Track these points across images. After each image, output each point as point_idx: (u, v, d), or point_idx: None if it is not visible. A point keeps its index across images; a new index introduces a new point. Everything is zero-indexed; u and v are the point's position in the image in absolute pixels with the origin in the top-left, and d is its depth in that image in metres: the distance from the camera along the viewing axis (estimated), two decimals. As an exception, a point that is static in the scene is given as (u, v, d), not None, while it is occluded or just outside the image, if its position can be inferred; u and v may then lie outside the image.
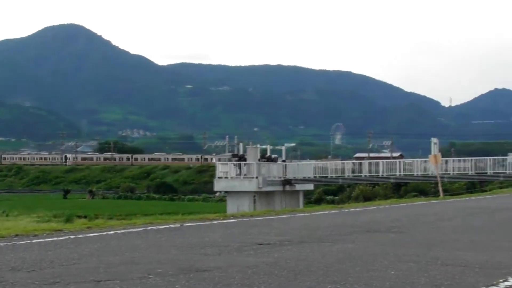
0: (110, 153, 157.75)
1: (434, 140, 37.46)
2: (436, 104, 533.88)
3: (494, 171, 51.91)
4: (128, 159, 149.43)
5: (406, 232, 11.70)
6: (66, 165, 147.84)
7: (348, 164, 58.03)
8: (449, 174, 51.79)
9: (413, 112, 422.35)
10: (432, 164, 40.36)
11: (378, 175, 54.51)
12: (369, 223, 13.76)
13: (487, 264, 7.80)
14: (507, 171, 50.55)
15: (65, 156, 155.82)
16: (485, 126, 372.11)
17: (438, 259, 8.16)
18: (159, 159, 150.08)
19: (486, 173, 52.79)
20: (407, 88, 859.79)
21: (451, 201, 25.25)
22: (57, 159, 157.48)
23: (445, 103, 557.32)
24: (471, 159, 54.29)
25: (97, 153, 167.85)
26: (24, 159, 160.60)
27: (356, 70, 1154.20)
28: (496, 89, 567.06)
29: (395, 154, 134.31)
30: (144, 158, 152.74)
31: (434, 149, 37.36)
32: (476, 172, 53.09)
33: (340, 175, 55.72)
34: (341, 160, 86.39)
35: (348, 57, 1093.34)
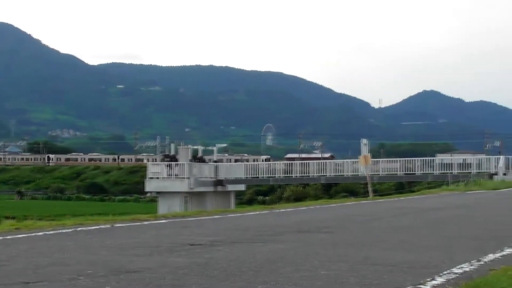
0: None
1: (364, 141, 37.80)
2: (366, 105, 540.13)
3: (423, 172, 52.85)
4: (43, 159, 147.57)
5: (336, 233, 11.82)
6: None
7: (279, 165, 58.33)
8: (379, 174, 52.53)
9: (344, 113, 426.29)
10: (362, 165, 40.76)
11: (309, 176, 54.95)
12: (300, 223, 13.84)
13: (415, 263, 7.92)
14: (435, 172, 51.51)
15: None
16: (414, 127, 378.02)
17: (367, 259, 8.26)
18: (76, 160, 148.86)
19: (414, 173, 53.71)
20: (338, 89, 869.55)
21: (381, 201, 25.56)
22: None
23: (375, 104, 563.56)
24: (400, 160, 55.18)
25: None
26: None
27: (287, 71, 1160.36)
28: (424, 91, 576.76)
29: (325, 155, 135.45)
30: (59, 158, 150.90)
31: (364, 150, 37.72)
32: (405, 173, 53.98)
33: (271, 175, 55.98)
34: (272, 161, 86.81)
35: (279, 58, 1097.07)
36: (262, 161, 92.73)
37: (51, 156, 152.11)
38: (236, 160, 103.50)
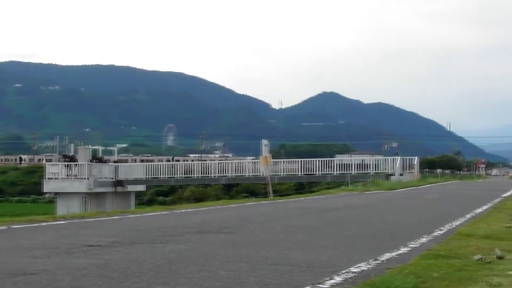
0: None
1: (264, 141, 38.14)
2: (266, 106, 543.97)
3: (322, 173, 53.54)
4: None
5: (237, 233, 11.85)
6: None
7: (180, 165, 58.11)
8: (279, 175, 52.94)
9: (245, 114, 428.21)
10: (263, 165, 41.08)
11: (209, 176, 54.95)
12: (201, 224, 13.82)
13: (314, 263, 8.02)
14: (335, 173, 52.27)
15: None
16: (313, 128, 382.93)
17: (267, 259, 8.32)
18: None
19: (314, 174, 54.34)
20: (239, 90, 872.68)
21: (281, 201, 25.79)
22: None
23: (275, 105, 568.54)
24: (300, 161, 55.74)
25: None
26: None
27: (188, 72, 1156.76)
28: (324, 93, 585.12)
29: (227, 155, 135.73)
30: None
31: (265, 150, 38.04)
32: (305, 173, 54.57)
33: (172, 176, 55.74)
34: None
35: (180, 58, 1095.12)
36: (171, 161, 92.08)
37: None
38: (142, 161, 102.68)
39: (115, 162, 59.28)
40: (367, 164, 52.91)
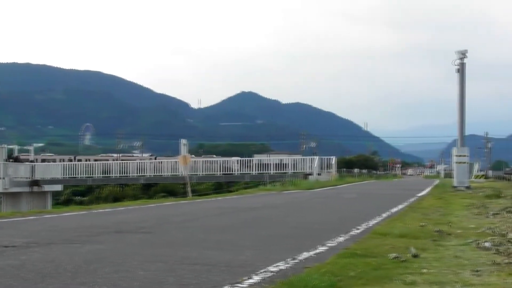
0: None
1: (183, 141, 38.05)
2: (185, 106, 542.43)
3: (241, 172, 53.73)
4: None
5: (155, 233, 11.79)
6: None
7: (98, 165, 57.46)
8: (198, 174, 52.88)
9: (163, 113, 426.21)
10: (181, 165, 40.97)
11: (128, 176, 54.54)
12: (119, 224, 13.70)
13: (233, 262, 8.04)
14: (253, 172, 52.51)
15: None
16: (232, 128, 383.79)
17: (186, 258, 8.30)
18: None
19: (233, 174, 54.50)
20: (158, 89, 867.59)
21: (199, 201, 25.74)
22: None
23: (194, 105, 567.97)
24: (219, 160, 55.79)
25: None
26: None
27: (106, 70, 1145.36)
28: (243, 92, 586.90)
29: (145, 155, 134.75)
30: None
31: (183, 150, 37.94)
32: (223, 173, 54.67)
33: (90, 175, 55.10)
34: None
35: (98, 56, 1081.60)
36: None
37: None
38: (61, 160, 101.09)
39: (31, 161, 58.24)
40: (285, 164, 53.28)
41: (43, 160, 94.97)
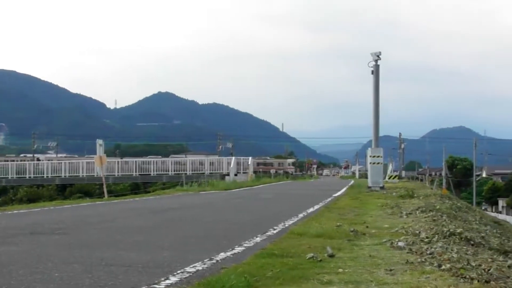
0: None
1: (99, 141, 37.55)
2: (101, 106, 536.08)
3: (158, 173, 53.46)
4: None
5: (71, 234, 11.63)
6: None
7: (12, 165, 56.33)
8: (114, 175, 52.41)
9: (80, 113, 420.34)
10: (97, 166, 40.50)
11: (43, 177, 53.66)
12: (34, 225, 13.46)
13: (150, 263, 8.00)
14: (170, 173, 52.32)
15: None
16: (149, 128, 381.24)
17: (102, 259, 8.22)
18: None
19: (149, 174, 54.18)
20: (73, 89, 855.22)
21: (116, 202, 25.48)
22: None
23: (110, 105, 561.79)
24: (136, 161, 55.39)
25: None
26: None
27: (21, 70, 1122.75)
28: (160, 93, 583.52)
29: (61, 155, 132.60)
30: None
31: (100, 150, 37.47)
32: (140, 173, 54.31)
33: (4, 176, 54.00)
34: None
35: (12, 55, 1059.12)
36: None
37: None
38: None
39: None
40: (202, 164, 53.26)
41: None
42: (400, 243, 10.32)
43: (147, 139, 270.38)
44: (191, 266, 7.75)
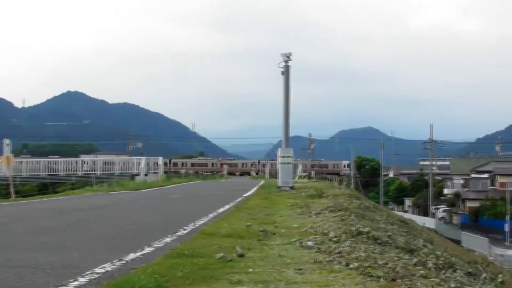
0: None
1: (6, 141, 36.75)
2: (9, 105, 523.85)
3: (66, 173, 52.62)
4: None
5: (-24, 236, 11.36)
6: None
7: None
8: (22, 175, 51.34)
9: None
10: (4, 166, 39.63)
11: None
12: None
13: (58, 264, 7.89)
14: (79, 173, 51.58)
15: None
16: (58, 127, 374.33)
17: (9, 261, 8.06)
18: None
19: (58, 174, 53.27)
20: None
21: (23, 202, 24.96)
22: None
23: (18, 104, 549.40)
24: (44, 161, 54.37)
25: None
26: None
27: None
28: (69, 92, 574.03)
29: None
30: None
31: (7, 150, 36.69)
32: (49, 173, 53.35)
33: None
34: None
35: None
36: None
37: None
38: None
39: None
40: (112, 164, 52.70)
41: None
42: (309, 243, 10.44)
43: (56, 138, 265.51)
44: (100, 267, 7.68)
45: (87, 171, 51.45)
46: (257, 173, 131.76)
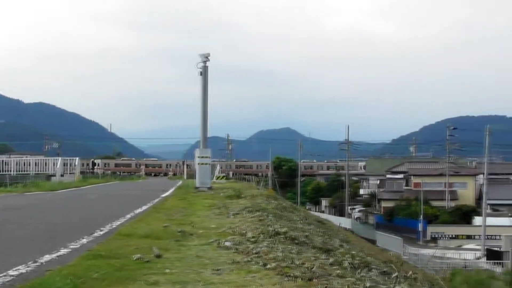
0: None
1: None
2: None
3: None
4: None
5: None
6: None
7: None
8: None
9: None
10: None
11: None
12: None
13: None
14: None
15: None
16: None
17: None
18: None
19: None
20: None
21: None
22: None
23: None
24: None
25: None
26: None
27: None
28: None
29: None
30: None
31: None
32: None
33: None
34: None
35: None
36: None
37: None
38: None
39: None
40: (27, 165, 51.77)
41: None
42: (227, 243, 10.47)
43: None
44: (14, 269, 7.55)
45: (1, 171, 50.34)
46: (174, 174, 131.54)
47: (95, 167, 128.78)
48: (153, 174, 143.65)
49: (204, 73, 35.51)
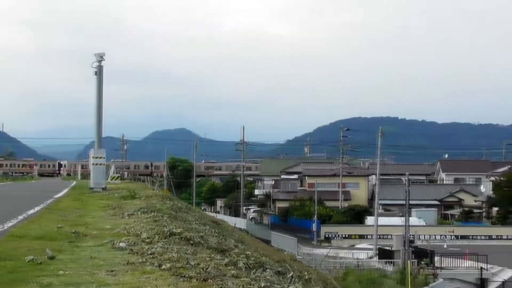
0: None
1: None
2: None
3: None
4: None
5: None
6: None
7: None
8: None
9: None
10: None
11: None
12: None
13: None
14: None
15: None
16: None
17: None
18: None
19: None
20: None
21: None
22: None
23: None
24: None
25: None
26: None
27: None
28: None
29: None
30: None
31: None
32: None
33: None
34: None
35: None
36: None
37: None
38: None
39: None
40: None
41: None
42: (121, 244, 10.44)
43: None
44: None
45: None
46: (68, 174, 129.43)
47: None
48: (46, 174, 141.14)
49: (99, 72, 35.17)
